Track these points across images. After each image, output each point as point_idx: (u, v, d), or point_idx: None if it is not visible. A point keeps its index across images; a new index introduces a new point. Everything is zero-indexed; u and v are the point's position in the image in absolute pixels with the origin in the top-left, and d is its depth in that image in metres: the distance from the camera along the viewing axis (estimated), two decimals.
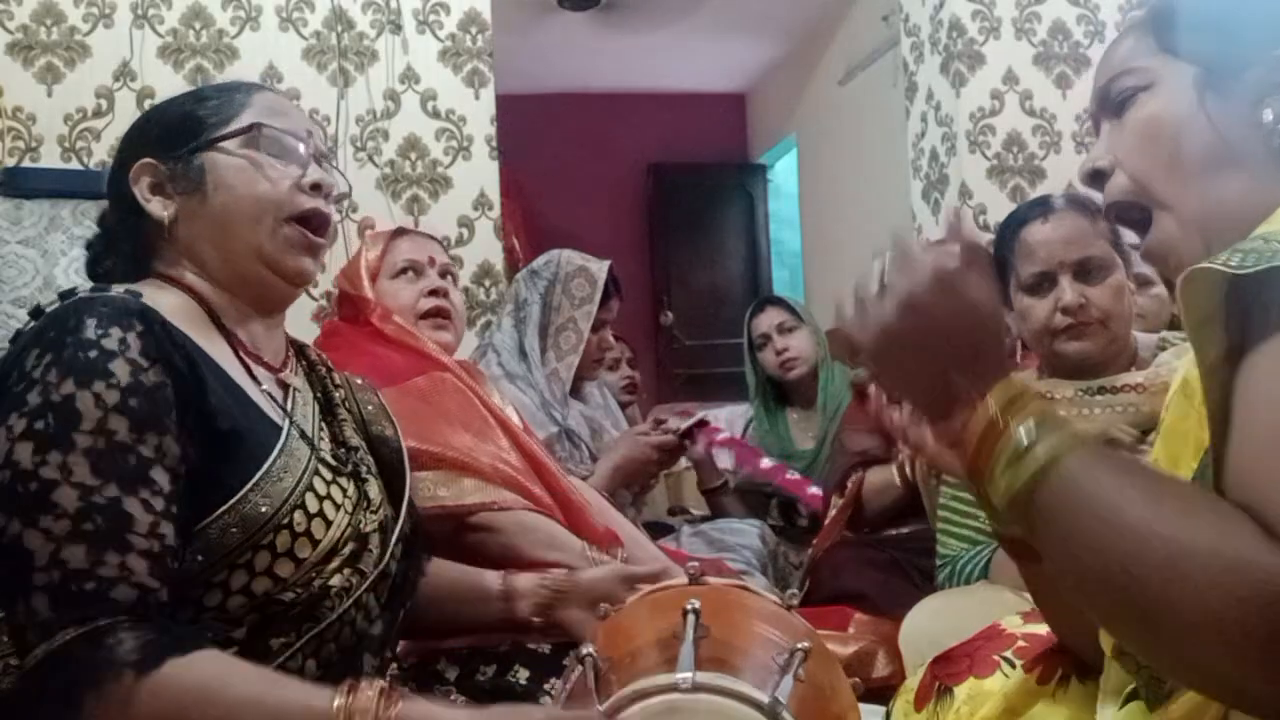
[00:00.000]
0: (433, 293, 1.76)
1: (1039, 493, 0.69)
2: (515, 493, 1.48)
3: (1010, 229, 1.65)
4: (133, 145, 1.06)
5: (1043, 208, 1.63)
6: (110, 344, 0.86)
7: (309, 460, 0.98)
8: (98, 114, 2.57)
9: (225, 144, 1.02)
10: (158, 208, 1.02)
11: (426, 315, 1.75)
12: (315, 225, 1.06)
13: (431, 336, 1.72)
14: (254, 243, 1.02)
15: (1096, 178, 0.87)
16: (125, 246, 1.05)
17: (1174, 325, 1.98)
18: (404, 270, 1.78)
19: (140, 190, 1.02)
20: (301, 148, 1.06)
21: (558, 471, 1.64)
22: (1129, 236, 0.90)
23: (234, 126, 1.03)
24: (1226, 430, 0.67)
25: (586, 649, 0.86)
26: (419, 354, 1.65)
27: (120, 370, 0.85)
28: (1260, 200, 0.75)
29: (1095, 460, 0.68)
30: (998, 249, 1.69)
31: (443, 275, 1.81)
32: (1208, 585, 0.61)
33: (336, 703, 0.80)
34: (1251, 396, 0.66)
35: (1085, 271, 1.55)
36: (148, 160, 1.03)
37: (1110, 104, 0.87)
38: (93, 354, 0.85)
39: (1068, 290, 1.54)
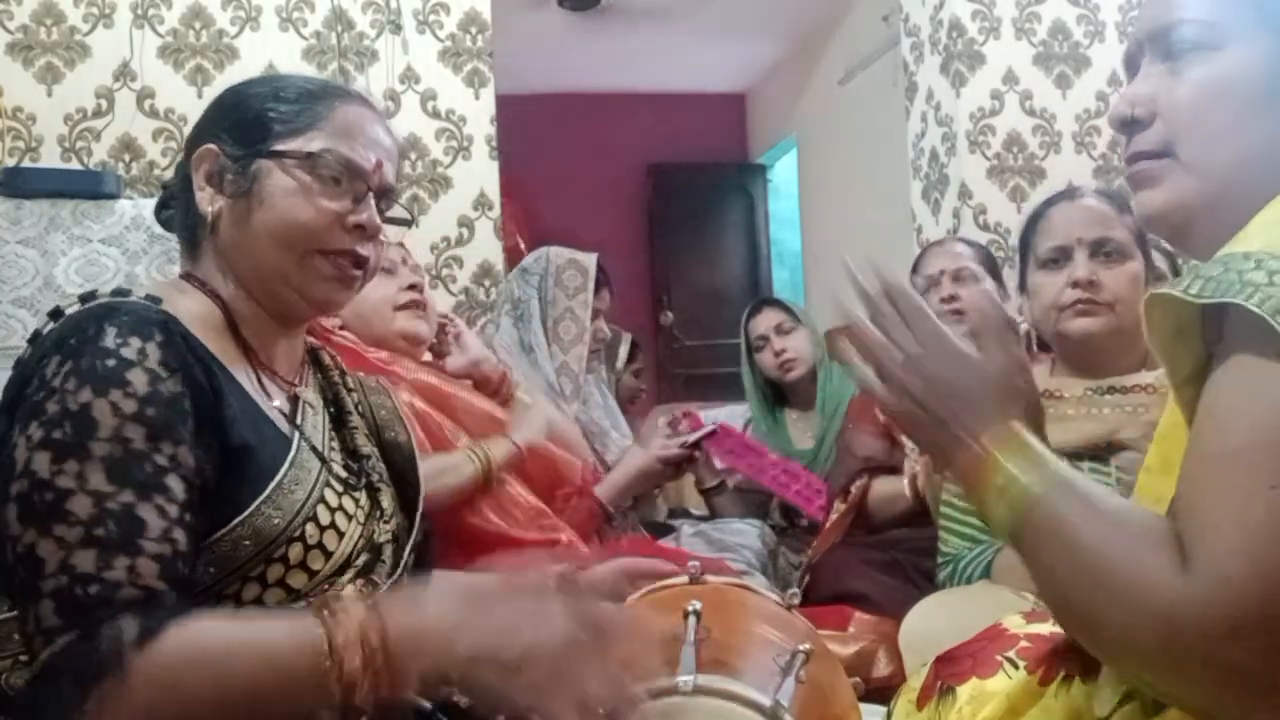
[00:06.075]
0: (410, 286, 1.82)
1: (1027, 523, 0.73)
2: None
3: (1036, 212, 1.68)
4: (211, 122, 1.04)
5: (1070, 191, 1.67)
6: (129, 353, 0.85)
7: (319, 473, 0.97)
8: (98, 114, 2.57)
9: (284, 160, 0.99)
10: (205, 200, 1.00)
11: (405, 307, 1.80)
12: (351, 261, 1.02)
13: (407, 327, 1.78)
14: (282, 269, 1.00)
15: (1129, 125, 0.83)
16: (182, 218, 1.04)
17: None
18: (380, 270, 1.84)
19: (197, 177, 1.01)
20: (361, 182, 1.02)
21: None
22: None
23: (297, 144, 1.00)
24: None
25: None
26: (367, 363, 1.67)
27: (138, 379, 0.84)
28: (1271, 194, 0.73)
29: (1070, 494, 0.72)
30: (1022, 235, 1.70)
31: (413, 271, 1.87)
32: (1119, 605, 0.65)
33: (322, 637, 0.77)
34: (1199, 421, 0.68)
35: (1102, 252, 1.56)
36: (211, 147, 1.01)
37: (1164, 46, 0.81)
38: (111, 363, 0.84)
39: (1081, 265, 1.55)
